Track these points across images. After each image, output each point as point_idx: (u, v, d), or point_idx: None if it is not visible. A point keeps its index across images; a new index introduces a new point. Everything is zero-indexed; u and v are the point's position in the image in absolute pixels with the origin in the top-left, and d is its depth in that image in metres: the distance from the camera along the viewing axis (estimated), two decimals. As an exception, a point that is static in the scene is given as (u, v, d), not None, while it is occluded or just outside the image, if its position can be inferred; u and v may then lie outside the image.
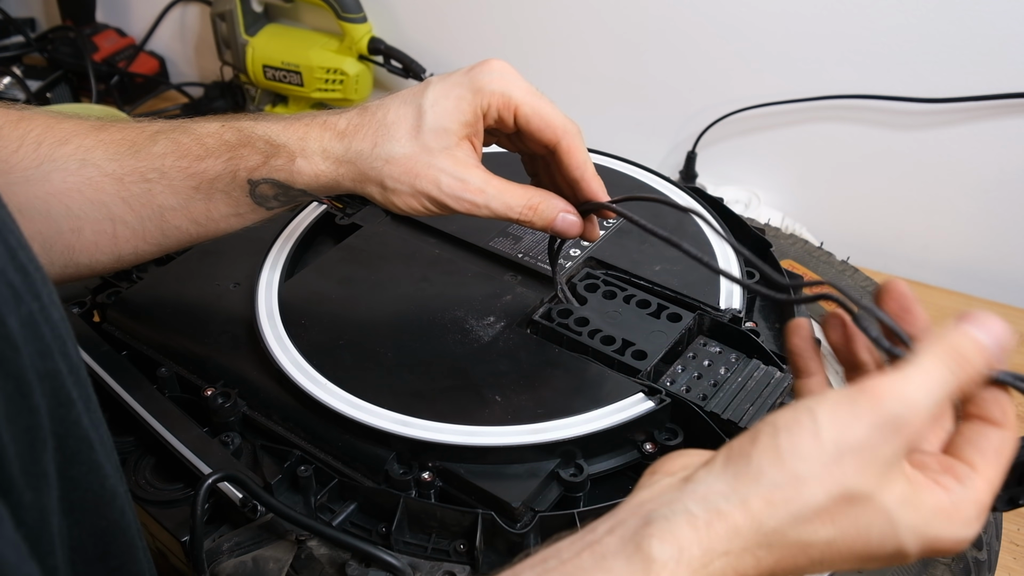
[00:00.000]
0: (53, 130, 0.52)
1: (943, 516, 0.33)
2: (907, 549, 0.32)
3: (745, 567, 0.32)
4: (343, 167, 0.51)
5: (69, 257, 0.53)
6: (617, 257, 0.61)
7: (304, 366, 0.53)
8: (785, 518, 0.32)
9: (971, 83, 0.83)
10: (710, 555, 0.31)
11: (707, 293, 0.58)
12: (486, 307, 0.58)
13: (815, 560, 0.33)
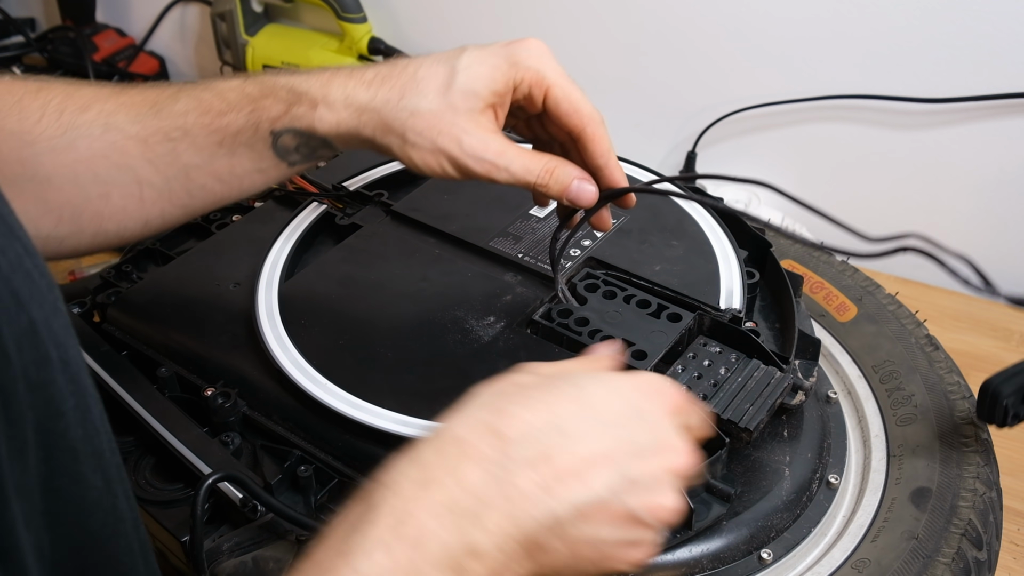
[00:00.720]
0: (73, 97, 0.52)
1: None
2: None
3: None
4: (366, 115, 0.50)
5: (99, 224, 0.53)
6: (617, 257, 0.61)
7: (304, 366, 0.53)
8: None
9: (971, 83, 0.83)
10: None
11: (707, 293, 0.58)
12: (486, 307, 0.58)
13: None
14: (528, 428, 0.38)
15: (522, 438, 0.37)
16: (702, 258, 0.61)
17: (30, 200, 0.51)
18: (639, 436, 0.40)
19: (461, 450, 0.37)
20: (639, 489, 0.39)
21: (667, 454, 0.40)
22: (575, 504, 0.37)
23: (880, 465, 0.58)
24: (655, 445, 0.40)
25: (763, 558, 0.51)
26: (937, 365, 0.64)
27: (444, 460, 0.37)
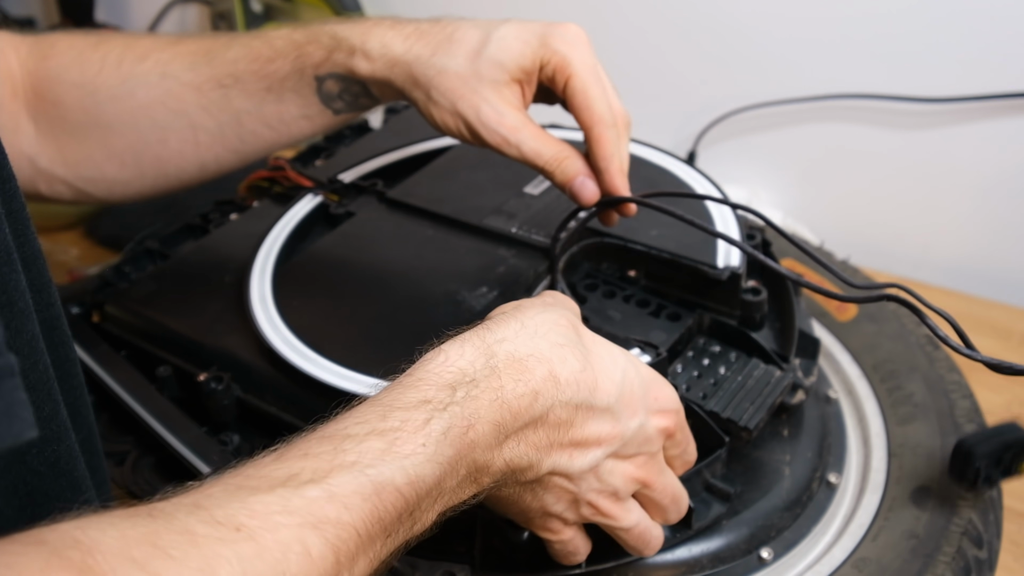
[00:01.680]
0: (132, 48, 0.55)
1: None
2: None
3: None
4: (398, 67, 0.52)
5: (159, 168, 0.57)
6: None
7: (295, 343, 0.53)
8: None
9: (971, 83, 0.83)
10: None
11: (705, 253, 0.57)
12: (479, 279, 0.57)
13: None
14: (575, 389, 0.39)
15: (566, 396, 0.38)
16: (699, 220, 0.61)
17: (95, 146, 0.55)
18: (632, 440, 0.41)
19: (526, 369, 0.38)
20: (595, 481, 0.41)
21: (639, 466, 0.42)
22: (554, 466, 0.39)
23: (880, 464, 0.58)
24: (636, 453, 0.42)
25: (763, 557, 0.51)
26: (937, 364, 0.64)
27: (518, 375, 0.38)
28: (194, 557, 0.26)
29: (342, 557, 0.30)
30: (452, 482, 0.35)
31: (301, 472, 0.31)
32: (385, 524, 0.32)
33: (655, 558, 0.50)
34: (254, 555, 0.28)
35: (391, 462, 0.33)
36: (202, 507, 0.29)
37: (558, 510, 0.41)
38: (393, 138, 0.78)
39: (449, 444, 0.35)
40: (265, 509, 0.29)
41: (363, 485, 0.32)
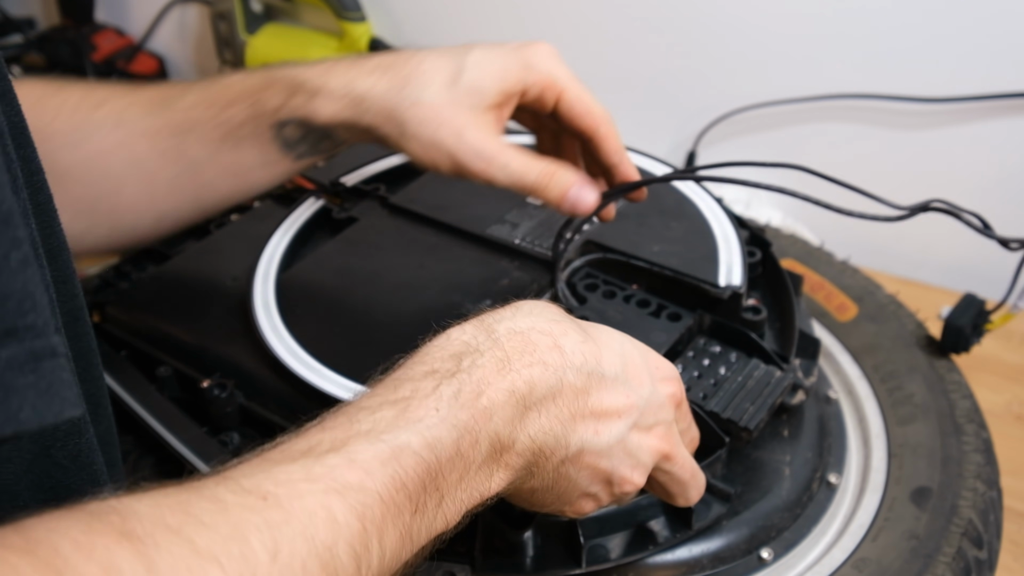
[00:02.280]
0: (89, 96, 0.53)
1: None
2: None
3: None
4: (365, 103, 0.50)
5: (113, 219, 0.54)
6: (615, 239, 0.61)
7: (300, 353, 0.53)
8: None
9: (970, 83, 0.83)
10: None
11: (707, 271, 0.58)
12: (483, 291, 0.58)
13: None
14: (582, 358, 0.39)
15: (575, 363, 0.39)
16: (701, 238, 0.61)
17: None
18: (649, 409, 0.42)
19: (529, 341, 0.38)
20: (625, 456, 0.41)
21: (659, 437, 0.42)
22: (582, 444, 0.39)
23: (880, 464, 0.58)
24: (654, 423, 0.42)
25: (763, 558, 0.51)
26: (937, 364, 0.64)
27: (522, 347, 0.38)
28: (224, 523, 0.27)
29: (368, 524, 0.31)
30: (474, 454, 0.35)
31: (320, 443, 0.32)
32: (409, 491, 0.32)
33: (655, 558, 0.50)
34: (282, 521, 0.28)
35: (405, 427, 0.34)
36: (229, 478, 0.30)
37: (595, 490, 0.42)
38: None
39: (461, 407, 0.35)
40: (289, 478, 0.30)
41: (380, 451, 0.32)
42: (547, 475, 0.39)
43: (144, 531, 0.25)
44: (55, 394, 0.26)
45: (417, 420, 0.34)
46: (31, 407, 0.25)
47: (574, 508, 0.42)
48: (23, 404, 0.25)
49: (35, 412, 0.25)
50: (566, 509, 0.43)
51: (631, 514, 0.49)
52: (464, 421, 0.35)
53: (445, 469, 0.34)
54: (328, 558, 0.29)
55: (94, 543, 0.24)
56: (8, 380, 0.25)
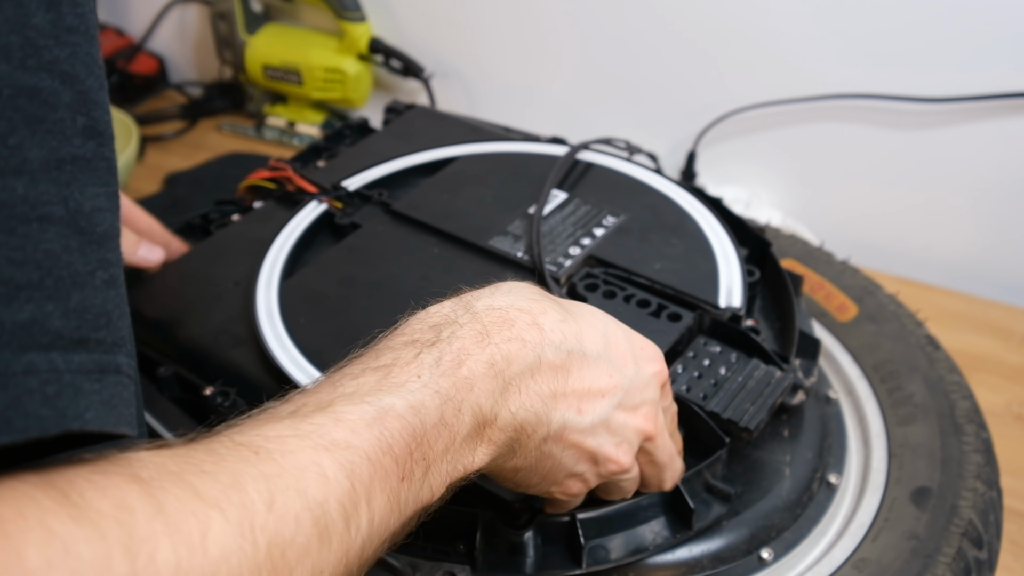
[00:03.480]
0: None
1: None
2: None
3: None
4: None
5: None
6: (617, 255, 0.61)
7: (303, 364, 0.53)
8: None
9: (971, 83, 0.83)
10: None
11: (707, 291, 0.58)
12: None
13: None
14: (561, 336, 0.40)
15: (555, 341, 0.39)
16: (702, 256, 0.61)
17: None
18: (632, 389, 0.42)
19: (507, 318, 0.39)
20: (610, 435, 0.41)
21: (644, 417, 0.43)
22: (564, 422, 0.39)
23: (880, 465, 0.58)
24: (639, 403, 0.42)
25: (763, 558, 0.51)
26: (938, 364, 0.64)
27: (500, 322, 0.39)
28: (224, 472, 0.28)
29: (356, 483, 0.31)
30: (457, 423, 0.35)
31: (306, 405, 0.33)
32: (396, 455, 0.33)
33: (655, 559, 0.50)
34: (275, 474, 0.29)
35: (388, 391, 0.34)
36: (222, 435, 0.31)
37: (581, 470, 0.42)
38: (395, 141, 0.78)
39: (442, 374, 0.36)
40: (277, 434, 0.31)
41: (365, 411, 0.33)
42: (530, 453, 0.40)
43: (148, 475, 0.26)
44: (114, 407, 0.27)
45: (399, 385, 0.35)
46: (95, 411, 0.26)
47: (562, 489, 0.43)
48: (90, 406, 0.26)
49: (98, 415, 0.26)
50: (553, 490, 0.43)
51: (631, 514, 0.49)
52: (446, 389, 0.35)
53: (430, 436, 0.34)
54: (320, 513, 0.29)
55: (107, 482, 0.25)
56: (78, 382, 0.26)
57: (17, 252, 0.25)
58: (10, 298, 0.25)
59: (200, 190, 1.02)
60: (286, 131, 1.19)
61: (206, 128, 1.22)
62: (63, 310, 0.26)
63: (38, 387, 0.25)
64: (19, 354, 0.25)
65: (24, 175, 0.26)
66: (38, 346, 0.25)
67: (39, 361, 0.25)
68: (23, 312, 0.25)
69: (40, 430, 0.25)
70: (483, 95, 1.13)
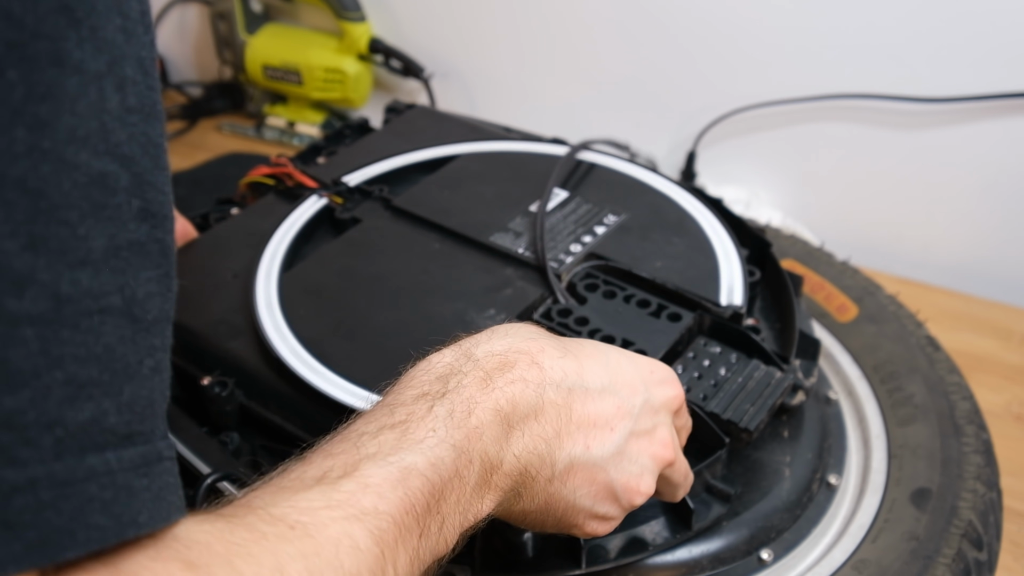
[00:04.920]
0: None
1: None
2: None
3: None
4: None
5: None
6: (618, 253, 0.61)
7: (303, 354, 0.53)
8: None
9: (971, 82, 0.83)
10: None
11: (708, 289, 0.58)
12: (487, 300, 0.58)
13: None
14: (562, 373, 0.39)
15: (555, 379, 0.39)
16: (703, 255, 0.61)
17: None
18: (642, 416, 0.41)
19: (507, 361, 0.39)
20: (625, 465, 0.41)
21: (658, 443, 0.42)
22: (571, 460, 0.39)
23: (880, 465, 0.58)
24: (651, 429, 0.42)
25: (763, 559, 0.51)
26: (938, 365, 0.64)
27: (501, 365, 0.38)
28: (265, 554, 0.28)
29: (385, 548, 0.31)
30: (469, 474, 0.35)
31: (331, 469, 0.33)
32: (417, 514, 0.33)
33: (655, 559, 0.50)
34: (313, 552, 0.29)
35: (408, 448, 0.34)
36: (256, 507, 0.30)
37: (603, 511, 0.41)
38: (395, 140, 0.77)
39: (456, 427, 0.35)
40: (310, 506, 0.30)
41: (390, 472, 0.33)
42: (536, 496, 0.39)
43: (201, 560, 0.26)
44: (163, 499, 0.27)
45: (419, 441, 0.34)
46: (148, 511, 0.26)
47: (583, 530, 0.42)
48: (142, 508, 0.26)
49: (150, 516, 0.26)
50: (574, 531, 0.42)
51: (631, 514, 0.49)
52: (460, 441, 0.35)
53: (446, 490, 0.34)
54: None
55: (166, 572, 0.25)
56: (130, 481, 0.26)
57: (81, 349, 0.25)
58: (74, 397, 0.24)
59: (200, 190, 1.02)
60: (286, 131, 1.19)
61: (206, 128, 1.22)
62: (117, 406, 0.26)
63: (97, 493, 0.25)
64: (80, 458, 0.24)
65: (88, 266, 0.25)
66: (96, 446, 0.25)
67: (97, 464, 0.25)
68: (85, 411, 0.25)
69: (100, 542, 0.24)
70: (483, 95, 1.13)
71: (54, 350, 0.24)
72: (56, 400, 0.24)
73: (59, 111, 0.24)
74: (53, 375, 0.24)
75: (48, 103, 0.24)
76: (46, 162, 0.24)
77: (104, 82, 0.25)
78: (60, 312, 0.24)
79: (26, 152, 0.23)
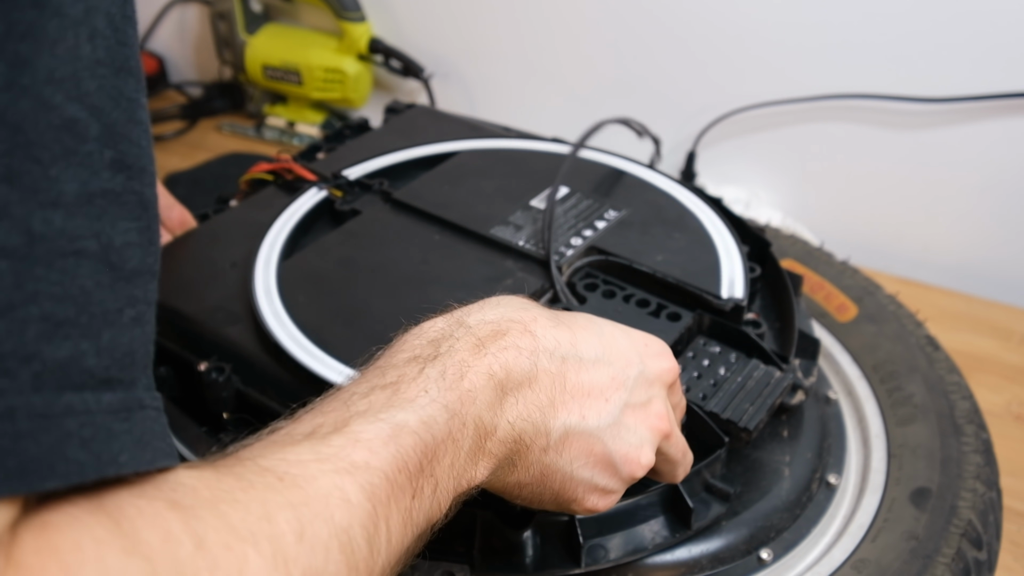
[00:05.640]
0: None
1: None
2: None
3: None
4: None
5: None
6: (618, 247, 0.61)
7: (301, 340, 0.53)
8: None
9: (971, 82, 0.83)
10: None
11: (709, 282, 0.58)
12: (486, 290, 0.57)
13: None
14: (555, 342, 0.39)
15: (548, 347, 0.39)
16: (703, 249, 0.61)
17: None
18: (637, 387, 0.41)
19: (499, 329, 0.39)
20: (624, 435, 0.40)
21: (654, 414, 0.42)
22: (566, 428, 0.39)
23: (880, 465, 0.58)
24: (646, 401, 0.42)
25: (762, 558, 0.51)
26: (937, 365, 0.64)
27: (494, 333, 0.39)
28: (253, 501, 0.28)
29: (376, 504, 0.31)
30: (462, 437, 0.35)
31: (321, 426, 0.33)
32: (410, 472, 0.33)
33: (654, 559, 0.50)
34: (302, 503, 0.29)
35: (400, 407, 0.34)
36: (245, 459, 0.30)
37: (601, 483, 0.41)
38: (394, 137, 0.78)
39: (448, 388, 0.36)
40: (299, 458, 0.31)
41: (381, 429, 0.33)
42: (531, 467, 0.39)
43: (188, 502, 0.27)
44: (147, 444, 0.27)
45: (410, 400, 0.35)
46: (128, 453, 0.26)
47: (583, 505, 0.41)
48: (123, 449, 0.26)
49: (131, 458, 0.26)
50: (573, 507, 0.42)
51: (630, 514, 0.49)
52: (452, 403, 0.35)
53: (439, 451, 0.34)
54: (346, 540, 0.29)
55: (152, 509, 0.26)
56: (109, 423, 0.26)
57: (56, 287, 0.25)
58: (51, 334, 0.25)
59: (200, 190, 1.02)
60: (286, 131, 1.19)
61: (206, 128, 1.22)
62: (96, 348, 0.26)
63: (76, 430, 0.25)
64: (58, 394, 0.25)
65: (61, 208, 0.25)
66: (73, 385, 0.25)
67: (75, 402, 0.25)
68: (62, 349, 0.25)
69: (79, 476, 0.25)
70: (483, 95, 1.13)
71: (28, 285, 0.24)
72: (33, 335, 0.24)
73: (39, 51, 0.24)
74: (28, 310, 0.24)
75: (28, 42, 0.24)
76: (25, 98, 0.24)
77: (80, 29, 0.26)
78: (32, 248, 0.24)
79: (6, 86, 0.24)
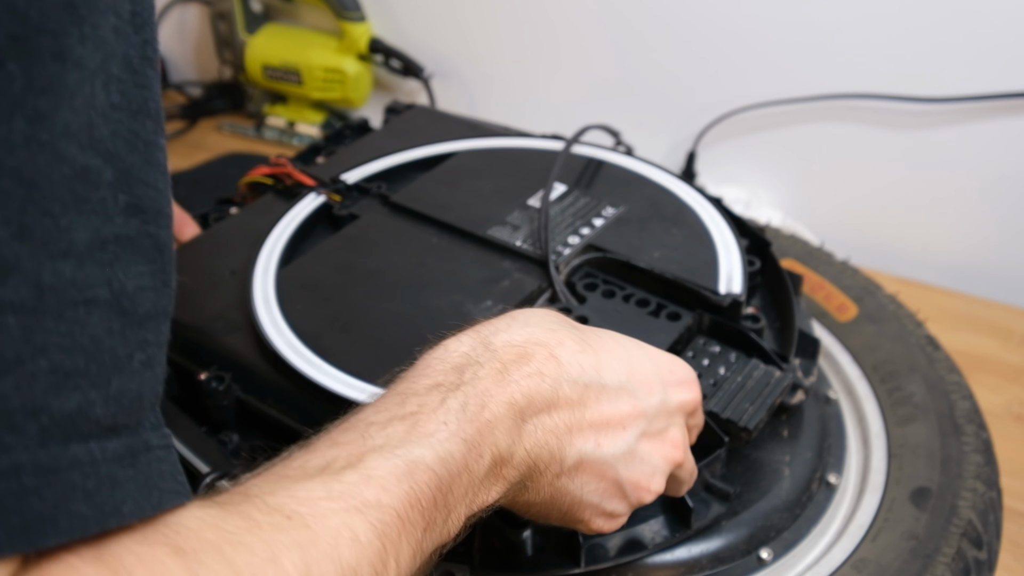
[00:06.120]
0: None
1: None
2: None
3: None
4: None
5: None
6: (616, 244, 0.61)
7: (300, 348, 0.53)
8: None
9: (971, 83, 0.83)
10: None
11: (707, 278, 0.58)
12: (484, 292, 0.57)
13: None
14: (579, 368, 0.39)
15: (572, 375, 0.39)
16: (701, 245, 0.61)
17: None
18: (656, 416, 0.41)
19: (525, 353, 0.38)
20: (636, 464, 0.40)
21: (670, 443, 0.42)
22: (581, 456, 0.39)
23: (880, 465, 0.58)
24: (663, 430, 0.42)
25: (762, 558, 0.51)
26: (937, 365, 0.64)
27: (519, 358, 0.38)
28: (259, 543, 0.27)
29: (387, 542, 0.31)
30: (478, 467, 0.35)
31: (335, 460, 0.32)
32: (423, 507, 0.32)
33: (654, 558, 0.50)
34: (310, 543, 0.29)
35: (417, 442, 0.34)
36: (253, 496, 0.30)
37: (611, 507, 0.41)
38: (394, 139, 0.78)
39: (468, 421, 0.35)
40: (309, 496, 0.30)
41: (396, 466, 0.32)
42: (542, 490, 0.39)
43: (189, 545, 0.26)
44: (152, 488, 0.27)
45: (428, 435, 0.34)
46: (133, 501, 0.26)
47: (589, 527, 0.42)
48: (127, 497, 0.26)
49: (136, 506, 0.26)
50: (580, 527, 0.42)
51: (631, 513, 0.49)
52: (471, 435, 0.35)
53: (454, 484, 0.34)
54: None
55: (152, 556, 0.25)
56: (113, 472, 0.26)
57: (66, 338, 0.25)
58: (59, 386, 0.25)
59: (200, 190, 1.02)
60: (286, 131, 1.19)
61: (206, 128, 1.22)
62: (104, 397, 0.26)
63: (80, 482, 0.25)
64: (64, 446, 0.25)
65: (71, 257, 0.25)
66: (80, 436, 0.25)
67: (81, 453, 0.25)
68: (70, 401, 0.25)
69: (82, 531, 0.24)
70: (483, 95, 1.13)
71: (37, 339, 0.24)
72: (41, 388, 0.24)
73: (58, 105, 0.24)
74: (37, 363, 0.24)
75: (48, 96, 0.24)
76: (42, 154, 0.24)
77: (96, 78, 0.26)
78: (42, 301, 0.24)
79: (24, 143, 0.24)
